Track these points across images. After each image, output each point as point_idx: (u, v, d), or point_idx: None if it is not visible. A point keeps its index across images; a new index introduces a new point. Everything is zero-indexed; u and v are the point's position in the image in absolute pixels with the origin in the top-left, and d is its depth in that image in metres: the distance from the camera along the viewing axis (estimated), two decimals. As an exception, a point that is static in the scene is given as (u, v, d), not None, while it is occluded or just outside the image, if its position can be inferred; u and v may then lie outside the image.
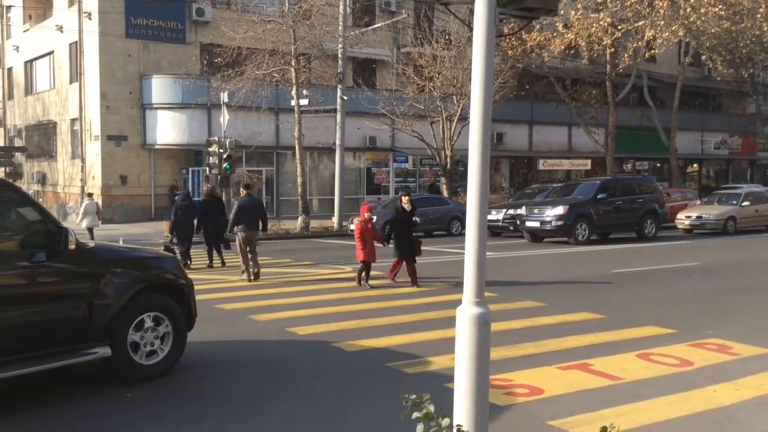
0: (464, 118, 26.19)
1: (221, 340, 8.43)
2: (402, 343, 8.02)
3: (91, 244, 6.74)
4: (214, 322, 9.28)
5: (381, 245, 12.44)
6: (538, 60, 31.11)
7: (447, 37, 25.87)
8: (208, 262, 15.81)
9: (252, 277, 13.09)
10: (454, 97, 26.06)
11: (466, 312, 3.59)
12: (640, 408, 5.70)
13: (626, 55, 28.91)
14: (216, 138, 23.66)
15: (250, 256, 13.26)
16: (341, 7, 24.68)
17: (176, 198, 17.05)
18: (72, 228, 6.22)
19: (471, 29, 3.52)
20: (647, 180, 24.82)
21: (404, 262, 12.24)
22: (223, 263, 15.74)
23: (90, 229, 19.61)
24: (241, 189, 14.64)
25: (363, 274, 12.05)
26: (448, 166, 27.11)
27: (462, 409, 3.57)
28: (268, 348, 8.02)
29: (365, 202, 10.24)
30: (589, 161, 37.58)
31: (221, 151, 22.93)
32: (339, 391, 6.30)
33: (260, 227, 13.62)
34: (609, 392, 6.16)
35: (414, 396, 2.91)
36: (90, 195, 21.72)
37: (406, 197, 12.78)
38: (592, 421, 5.31)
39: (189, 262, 15.22)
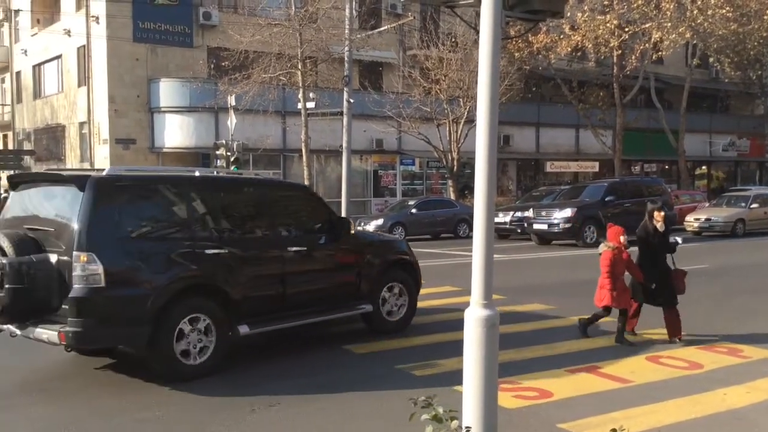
0: (471, 121, 26.16)
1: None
2: (411, 346, 8.01)
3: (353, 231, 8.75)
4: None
5: (638, 283, 8.40)
6: (544, 62, 31.05)
7: (453, 39, 25.89)
8: None
9: None
10: (461, 99, 26.05)
11: (474, 314, 3.58)
12: (650, 410, 5.67)
13: (633, 57, 28.84)
14: (223, 141, 23.72)
15: None
16: (347, 10, 24.70)
17: None
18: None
19: (477, 32, 3.51)
20: (655, 182, 24.72)
21: (655, 306, 8.34)
22: None
23: None
24: None
25: (619, 325, 8.14)
26: (455, 168, 27.10)
27: (470, 411, 3.55)
28: (275, 347, 8.01)
29: (612, 224, 8.37)
30: (596, 163, 37.46)
31: (229, 154, 22.99)
32: (348, 392, 6.29)
33: None
34: (619, 395, 6.13)
35: (423, 398, 2.91)
36: None
37: (660, 212, 8.47)
38: (602, 424, 5.28)
39: None
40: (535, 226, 20.84)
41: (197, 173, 7.55)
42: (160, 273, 6.52)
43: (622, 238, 8.11)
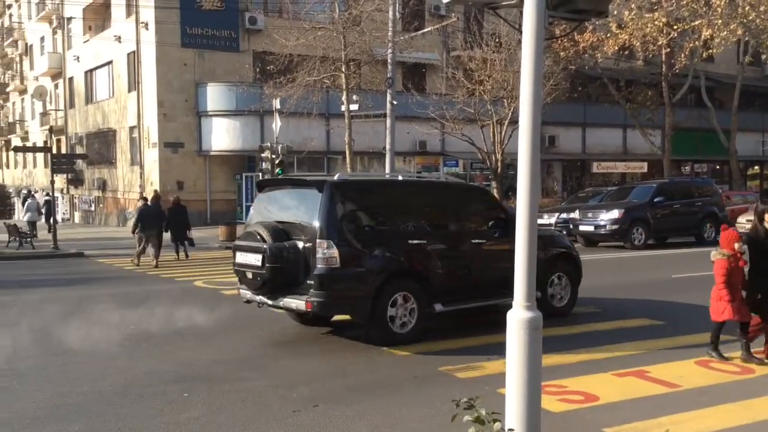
0: (515, 122, 25.83)
1: (274, 342, 8.54)
2: (454, 348, 7.99)
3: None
4: (268, 324, 9.46)
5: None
6: (591, 61, 30.58)
7: (497, 39, 25.69)
8: (175, 256, 19.17)
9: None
10: (505, 100, 25.82)
11: (517, 316, 3.56)
12: (699, 416, 5.55)
13: (683, 55, 28.18)
14: (268, 144, 23.98)
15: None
16: (391, 13, 24.75)
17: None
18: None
19: (521, 32, 3.49)
20: (706, 183, 24.14)
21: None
22: (187, 256, 19.30)
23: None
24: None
25: (743, 342, 7.41)
26: (499, 169, 26.87)
27: (514, 414, 3.53)
28: (319, 348, 8.08)
29: (727, 227, 7.58)
30: (645, 164, 36.75)
31: (273, 156, 23.23)
32: (390, 394, 6.31)
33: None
34: (666, 400, 6.01)
35: (465, 399, 2.91)
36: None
37: None
38: (649, 429, 5.19)
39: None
40: (582, 228, 20.55)
41: (400, 177, 9.82)
42: (378, 258, 8.12)
43: (737, 245, 7.28)
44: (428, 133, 29.14)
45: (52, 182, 23.60)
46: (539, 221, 20.45)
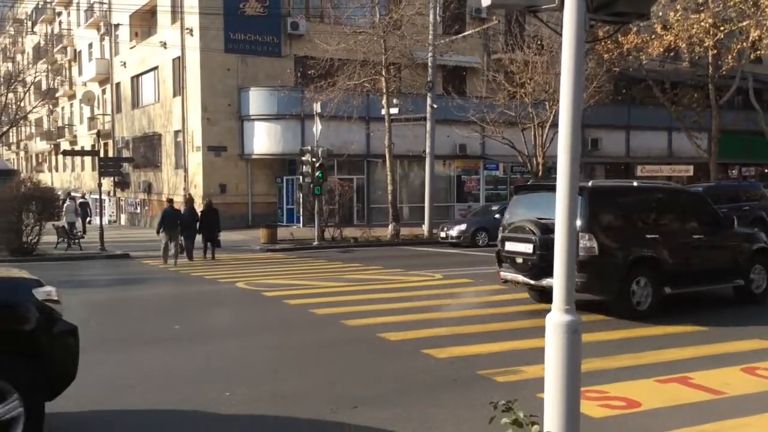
0: (556, 125, 25.49)
1: (314, 343, 8.63)
2: (493, 352, 7.96)
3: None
4: (308, 326, 9.57)
5: None
6: (635, 63, 30.08)
7: (539, 42, 25.50)
8: (202, 256, 19.84)
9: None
10: (546, 102, 25.60)
11: (556, 319, 3.55)
12: (745, 423, 5.43)
13: (730, 57, 27.52)
14: (309, 147, 24.22)
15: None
16: (431, 16, 24.78)
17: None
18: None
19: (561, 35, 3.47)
20: (754, 186, 23.52)
21: None
22: (213, 257, 19.77)
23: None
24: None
25: None
26: (540, 173, 26.63)
27: (552, 418, 3.52)
28: (358, 352, 8.14)
29: None
30: (691, 167, 35.99)
31: (314, 160, 23.45)
32: (428, 396, 6.32)
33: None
34: (711, 407, 5.89)
35: (503, 401, 2.92)
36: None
37: None
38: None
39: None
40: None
41: (635, 183, 11.58)
42: (624, 249, 9.88)
43: None
44: (468, 137, 29.05)
45: (100, 185, 24.18)
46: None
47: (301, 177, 24.63)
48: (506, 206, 26.69)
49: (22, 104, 47.92)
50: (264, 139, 30.25)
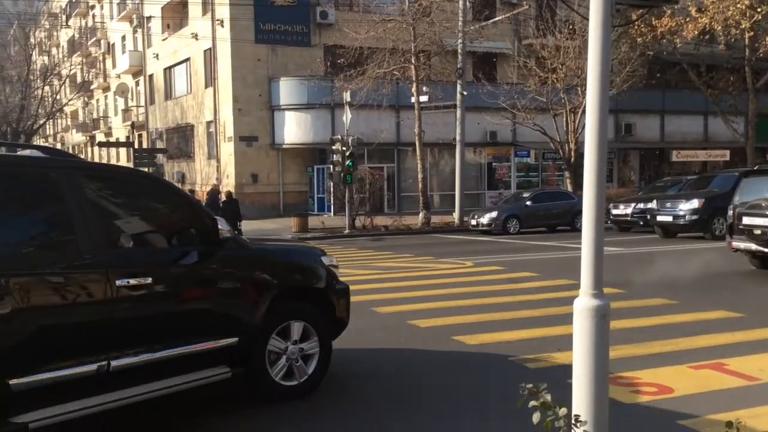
0: (589, 110, 25.41)
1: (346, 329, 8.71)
2: (524, 338, 7.96)
3: None
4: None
5: None
6: (669, 46, 29.58)
7: (571, 26, 25.21)
8: None
9: None
10: (579, 88, 25.33)
11: (583, 304, 3.55)
12: (780, 410, 5.36)
13: (767, 39, 26.90)
14: (339, 136, 24.33)
15: None
16: (461, 2, 24.63)
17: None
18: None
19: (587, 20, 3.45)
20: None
21: None
22: None
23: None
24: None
25: None
26: (572, 159, 26.40)
27: (580, 402, 3.53)
28: (389, 339, 8.20)
29: None
30: (727, 152, 35.35)
31: (344, 149, 23.54)
32: (456, 383, 6.36)
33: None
34: (745, 393, 5.83)
35: (531, 385, 2.94)
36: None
37: None
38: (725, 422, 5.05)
39: None
40: (659, 218, 19.99)
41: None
42: None
43: None
44: (499, 123, 28.89)
45: (135, 176, 24.59)
46: (616, 211, 19.88)
47: (331, 166, 24.77)
48: (538, 193, 26.44)
49: (58, 97, 48.87)
50: (294, 128, 30.43)
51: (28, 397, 4.05)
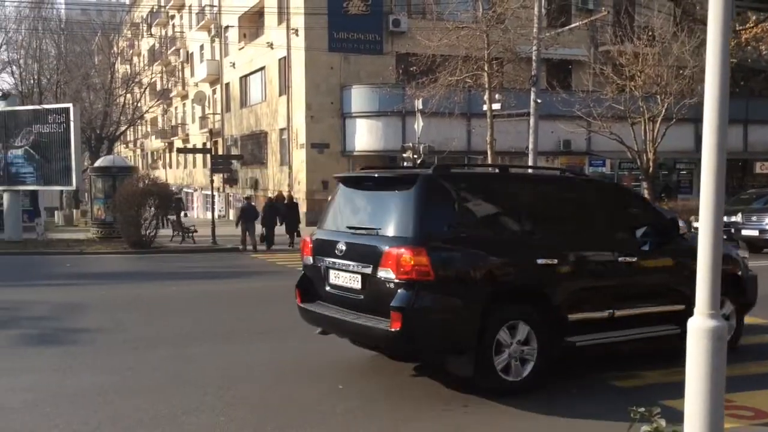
0: (669, 119, 24.58)
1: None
2: (609, 353, 7.68)
3: None
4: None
5: None
6: (754, 53, 28.43)
7: (650, 32, 24.48)
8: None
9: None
10: (658, 96, 24.55)
11: (699, 324, 3.36)
12: None
13: None
14: (410, 144, 24.30)
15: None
16: (536, 9, 24.23)
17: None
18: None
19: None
20: None
21: None
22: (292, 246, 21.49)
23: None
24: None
25: None
26: (651, 169, 25.59)
27: (693, 427, 3.34)
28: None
29: None
30: (816, 163, 33.63)
31: (415, 156, 23.51)
32: (539, 398, 6.17)
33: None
34: None
35: (643, 409, 2.80)
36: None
37: None
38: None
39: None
40: (744, 232, 19.19)
41: None
42: None
43: None
44: (573, 132, 28.28)
45: (212, 181, 25.26)
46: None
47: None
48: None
49: (138, 104, 50.65)
50: (365, 136, 30.60)
51: (574, 327, 6.48)
